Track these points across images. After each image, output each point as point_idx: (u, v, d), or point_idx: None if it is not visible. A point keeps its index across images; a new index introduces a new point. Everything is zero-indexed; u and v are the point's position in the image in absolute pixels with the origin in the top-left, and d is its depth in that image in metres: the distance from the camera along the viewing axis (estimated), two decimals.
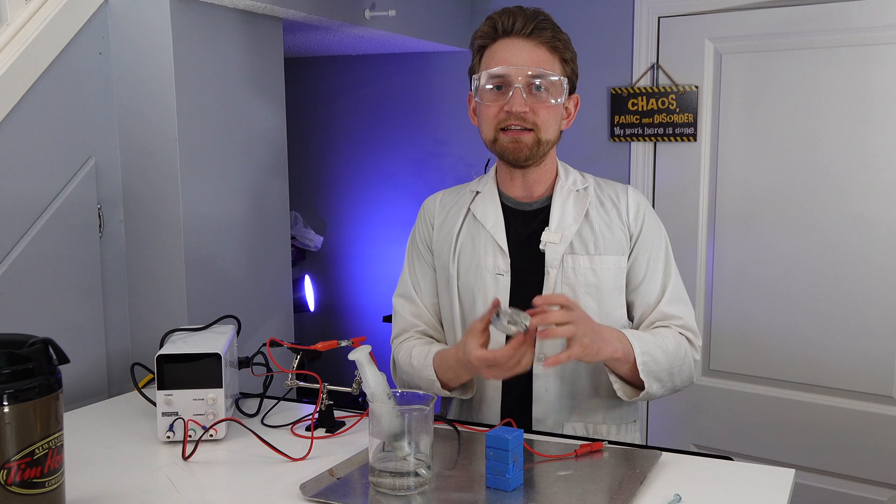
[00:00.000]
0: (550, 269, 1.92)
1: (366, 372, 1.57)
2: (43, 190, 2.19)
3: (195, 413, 1.78)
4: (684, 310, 1.98)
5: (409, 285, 2.10)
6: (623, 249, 1.96)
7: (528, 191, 1.99)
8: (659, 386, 1.88)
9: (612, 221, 1.97)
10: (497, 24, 1.87)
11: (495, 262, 1.95)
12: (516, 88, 1.83)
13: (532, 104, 1.85)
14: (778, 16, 3.05)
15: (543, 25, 1.86)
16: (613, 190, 2.02)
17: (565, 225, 1.94)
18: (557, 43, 1.87)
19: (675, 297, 1.98)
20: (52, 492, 1.34)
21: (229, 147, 2.53)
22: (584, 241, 1.93)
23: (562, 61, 1.89)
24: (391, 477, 1.49)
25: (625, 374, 1.87)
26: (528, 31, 1.85)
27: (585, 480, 1.57)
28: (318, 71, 4.26)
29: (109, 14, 2.34)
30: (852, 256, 3.00)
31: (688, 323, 1.97)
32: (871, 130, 2.93)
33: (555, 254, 1.92)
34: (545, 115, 1.87)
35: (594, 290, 1.93)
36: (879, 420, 2.99)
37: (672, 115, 3.28)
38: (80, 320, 2.29)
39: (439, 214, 2.09)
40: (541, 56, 1.85)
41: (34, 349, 1.32)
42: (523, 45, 1.85)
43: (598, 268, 1.93)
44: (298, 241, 4.13)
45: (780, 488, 1.53)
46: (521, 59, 1.84)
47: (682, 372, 1.92)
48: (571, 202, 1.97)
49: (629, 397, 1.90)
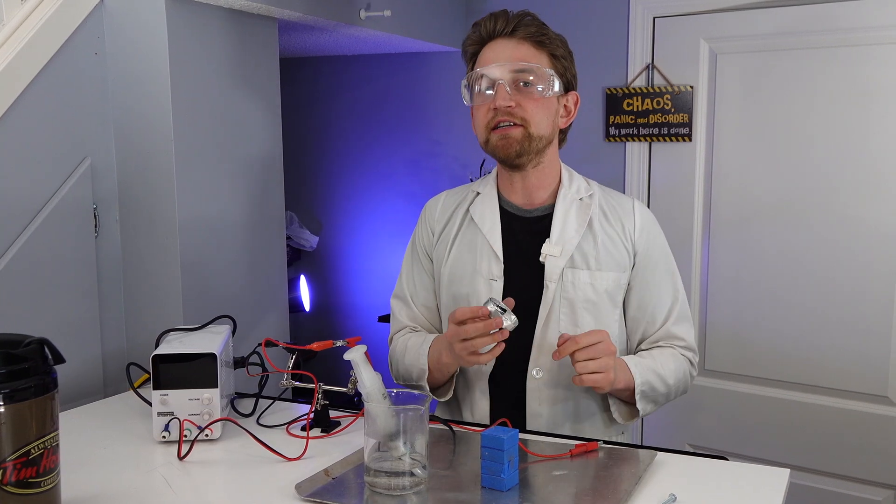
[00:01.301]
0: (549, 282, 1.89)
1: (361, 372, 1.57)
2: (39, 190, 2.19)
3: (191, 413, 1.78)
4: (688, 330, 1.99)
5: (405, 289, 2.10)
6: (624, 266, 1.93)
7: (528, 197, 1.97)
8: (654, 407, 1.92)
9: (616, 237, 1.94)
10: (481, 29, 1.89)
11: (489, 267, 1.93)
12: (500, 84, 1.82)
13: (518, 98, 1.83)
14: (773, 16, 3.06)
15: (527, 23, 1.86)
16: (619, 203, 1.99)
17: (566, 237, 1.91)
18: (543, 38, 1.86)
19: (681, 317, 1.98)
20: (48, 492, 1.34)
21: (225, 147, 2.53)
22: (584, 254, 1.91)
23: (550, 56, 1.87)
24: (386, 477, 1.49)
25: (624, 398, 1.90)
26: (511, 30, 1.85)
27: (580, 480, 1.57)
28: (313, 71, 4.26)
29: (105, 14, 2.34)
30: (847, 257, 3.00)
31: (690, 343, 1.98)
32: (866, 131, 2.94)
33: (554, 267, 1.89)
34: (533, 109, 1.84)
35: (592, 305, 1.90)
36: (874, 420, 2.99)
37: (667, 115, 3.28)
38: (76, 320, 2.29)
39: (440, 220, 2.06)
40: (525, 51, 1.85)
41: (30, 349, 1.32)
42: (507, 43, 1.86)
43: (598, 283, 1.90)
44: (294, 242, 4.13)
45: (776, 488, 1.54)
46: (504, 57, 1.84)
47: (678, 390, 1.95)
48: (574, 212, 1.94)
49: (625, 420, 1.93)
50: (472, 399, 1.97)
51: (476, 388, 1.95)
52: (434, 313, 2.08)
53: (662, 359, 1.92)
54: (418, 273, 2.08)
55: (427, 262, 2.07)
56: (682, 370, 1.93)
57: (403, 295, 2.10)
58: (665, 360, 1.91)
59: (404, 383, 2.01)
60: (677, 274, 2.00)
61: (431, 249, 2.06)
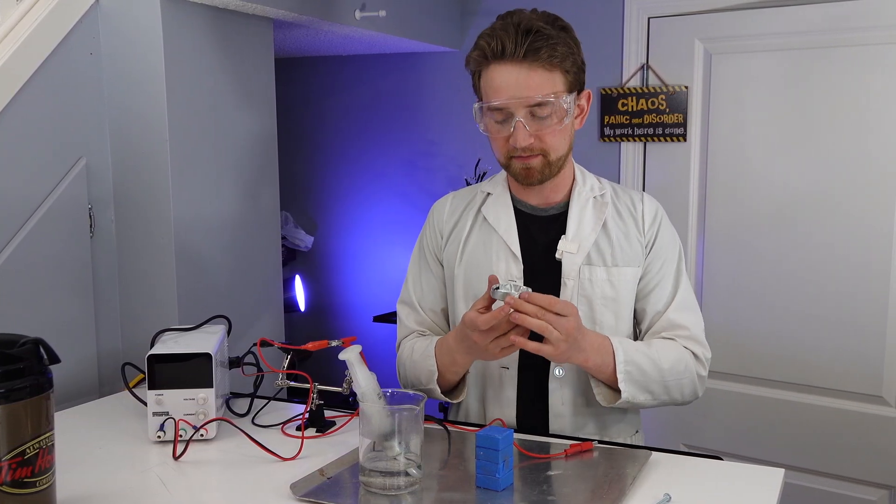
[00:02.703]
0: (567, 280, 1.86)
1: (356, 372, 1.58)
2: (34, 190, 2.19)
3: (186, 413, 1.79)
4: (692, 319, 1.92)
5: (411, 293, 2.05)
6: (640, 261, 1.91)
7: (543, 198, 1.94)
8: (649, 397, 1.83)
9: (630, 232, 1.92)
10: (486, 51, 1.76)
11: (508, 269, 1.89)
12: (518, 122, 1.74)
13: (537, 131, 1.76)
14: (768, 16, 3.07)
15: (537, 45, 1.72)
16: (630, 197, 1.97)
17: (583, 234, 1.88)
18: (555, 59, 1.74)
19: (683, 306, 1.92)
20: (43, 491, 1.34)
21: (220, 147, 2.53)
22: (601, 252, 1.89)
23: (563, 73, 1.77)
24: (381, 476, 1.50)
25: (606, 381, 1.84)
26: (522, 55, 1.72)
27: (575, 480, 1.58)
28: (308, 71, 4.26)
29: (100, 14, 2.34)
30: (842, 257, 3.01)
31: (694, 334, 1.91)
32: (861, 131, 2.94)
33: (572, 264, 1.87)
34: (552, 140, 1.79)
35: (612, 302, 1.88)
36: (869, 420, 3.00)
37: (662, 115, 3.29)
38: (71, 320, 2.29)
39: (449, 221, 2.01)
40: (538, 79, 1.73)
41: (25, 349, 1.32)
42: (518, 71, 1.73)
43: (616, 280, 1.88)
44: (289, 242, 4.13)
45: (770, 488, 1.54)
46: (518, 88, 1.73)
47: (681, 386, 1.87)
48: (589, 210, 1.92)
49: (608, 403, 1.84)
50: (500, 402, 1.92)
51: (503, 392, 1.91)
52: (441, 317, 2.04)
53: (659, 345, 1.86)
54: (426, 277, 2.04)
55: (436, 265, 2.02)
56: (683, 362, 1.86)
57: (410, 300, 2.05)
58: (662, 346, 1.86)
59: (413, 389, 1.93)
60: (683, 265, 1.96)
61: (440, 252, 2.01)
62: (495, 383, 1.93)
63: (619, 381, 1.78)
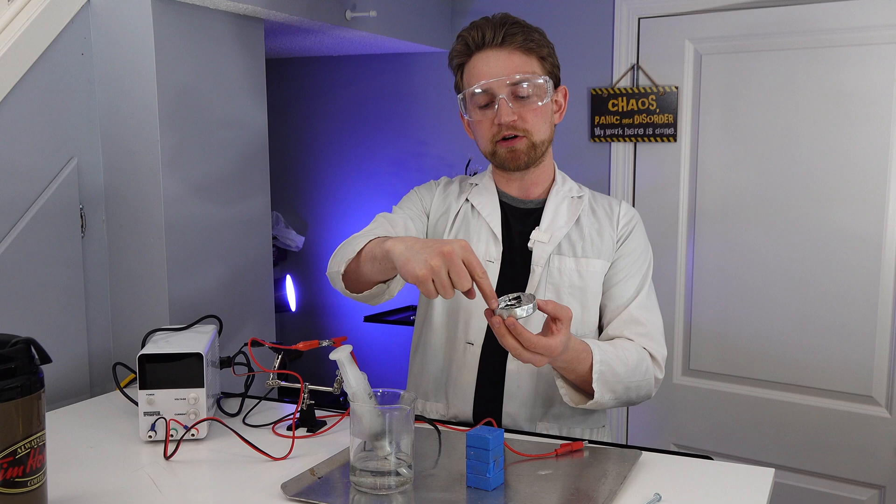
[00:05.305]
0: (536, 266, 1.94)
1: (347, 372, 1.58)
2: (25, 190, 2.18)
3: (177, 413, 1.79)
4: (651, 319, 1.96)
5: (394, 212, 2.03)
6: (609, 255, 1.99)
7: (524, 191, 2.04)
8: (612, 397, 1.83)
9: (604, 229, 2.00)
10: (468, 41, 1.91)
11: (487, 249, 1.98)
12: (501, 99, 1.87)
13: (519, 110, 1.88)
14: (758, 17, 3.08)
15: (513, 31, 1.88)
16: (608, 202, 2.07)
17: (556, 226, 1.97)
18: (531, 44, 1.89)
19: (644, 306, 1.97)
20: (34, 491, 1.34)
21: (211, 147, 2.53)
22: (572, 243, 1.97)
23: (539, 59, 1.91)
24: (372, 476, 1.50)
25: (574, 380, 1.84)
26: (500, 41, 1.87)
27: (566, 480, 1.58)
28: (299, 72, 4.26)
29: (91, 15, 2.34)
30: (831, 256, 3.02)
31: (651, 332, 1.94)
32: (849, 131, 2.96)
33: (542, 252, 1.95)
34: (534, 119, 1.90)
35: (579, 292, 1.95)
36: (858, 419, 3.01)
37: (652, 115, 3.30)
38: (63, 320, 2.29)
39: (440, 198, 2.10)
40: (517, 61, 1.88)
41: (16, 349, 1.32)
42: (497, 55, 1.88)
43: (584, 270, 1.95)
44: (280, 242, 4.13)
45: (760, 487, 1.55)
46: (498, 70, 1.87)
47: (640, 388, 1.88)
48: (565, 206, 2.01)
49: (576, 404, 1.84)
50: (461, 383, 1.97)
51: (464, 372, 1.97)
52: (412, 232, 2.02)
53: (623, 346, 1.88)
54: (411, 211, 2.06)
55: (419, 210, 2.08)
56: (644, 363, 1.88)
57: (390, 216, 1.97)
58: (626, 347, 1.87)
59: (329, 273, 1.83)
60: (650, 277, 2.01)
61: (430, 207, 2.09)
62: (458, 358, 1.98)
63: (595, 381, 1.78)
